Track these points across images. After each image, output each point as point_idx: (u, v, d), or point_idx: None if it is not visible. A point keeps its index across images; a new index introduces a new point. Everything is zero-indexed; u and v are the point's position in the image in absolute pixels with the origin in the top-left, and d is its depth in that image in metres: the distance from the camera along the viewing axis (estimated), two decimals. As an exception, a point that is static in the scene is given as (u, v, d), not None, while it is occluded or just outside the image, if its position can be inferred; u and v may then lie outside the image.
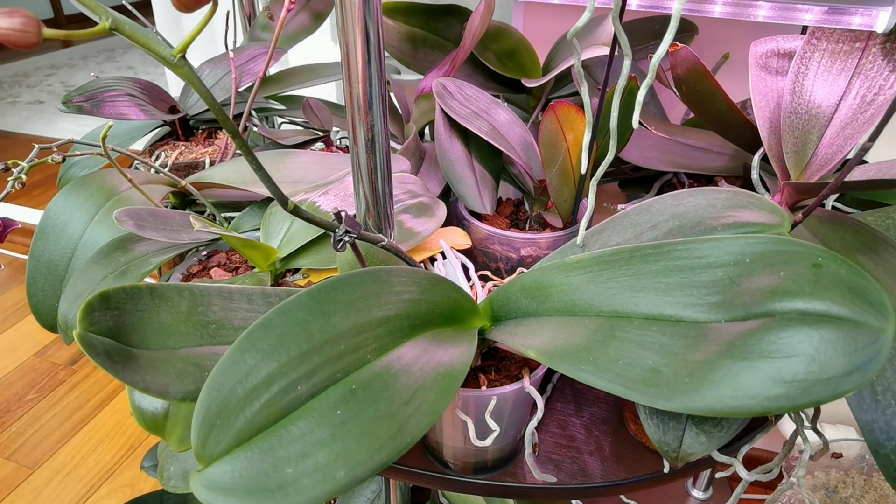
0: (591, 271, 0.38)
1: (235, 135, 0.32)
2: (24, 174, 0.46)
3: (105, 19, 0.27)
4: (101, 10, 0.27)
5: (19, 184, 0.45)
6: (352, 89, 0.42)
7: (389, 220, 0.48)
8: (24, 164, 0.46)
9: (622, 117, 0.54)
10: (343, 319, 0.35)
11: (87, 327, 0.31)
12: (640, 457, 0.56)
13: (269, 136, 0.69)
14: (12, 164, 0.46)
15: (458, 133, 0.61)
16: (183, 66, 0.30)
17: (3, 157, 2.08)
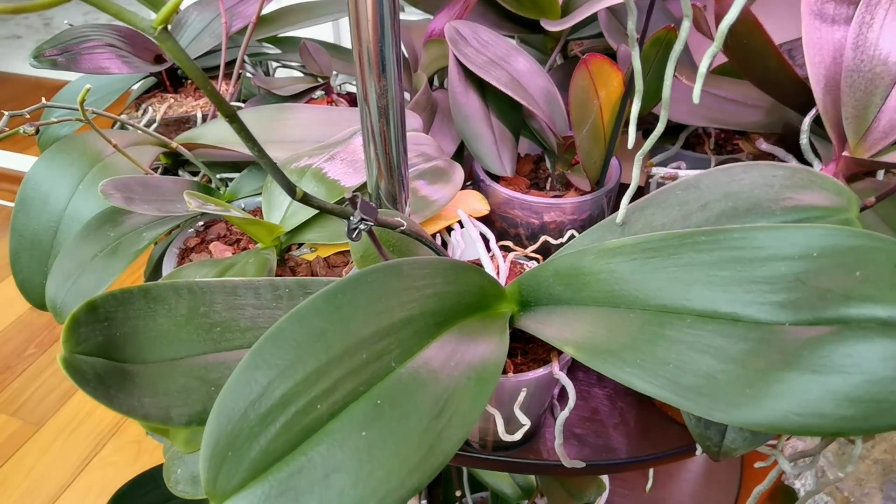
0: (636, 259, 0.34)
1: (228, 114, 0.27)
2: (-6, 149, 0.41)
3: None
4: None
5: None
6: (361, 48, 0.37)
7: (405, 190, 0.44)
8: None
9: (656, 71, 0.49)
10: (363, 324, 0.31)
11: (73, 348, 0.28)
12: (666, 430, 0.54)
13: (264, 86, 0.63)
14: (-19, 136, 0.41)
15: (473, 84, 0.56)
16: (166, 39, 0.25)
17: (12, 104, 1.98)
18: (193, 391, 0.30)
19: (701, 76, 0.29)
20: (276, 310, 0.35)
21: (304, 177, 0.48)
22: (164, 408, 0.29)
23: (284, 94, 0.64)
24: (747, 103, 0.55)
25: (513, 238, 0.56)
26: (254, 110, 0.57)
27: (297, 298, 0.36)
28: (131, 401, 0.28)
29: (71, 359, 0.27)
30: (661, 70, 0.48)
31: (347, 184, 0.48)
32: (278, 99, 0.64)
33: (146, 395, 0.29)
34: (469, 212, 0.53)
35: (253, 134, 0.57)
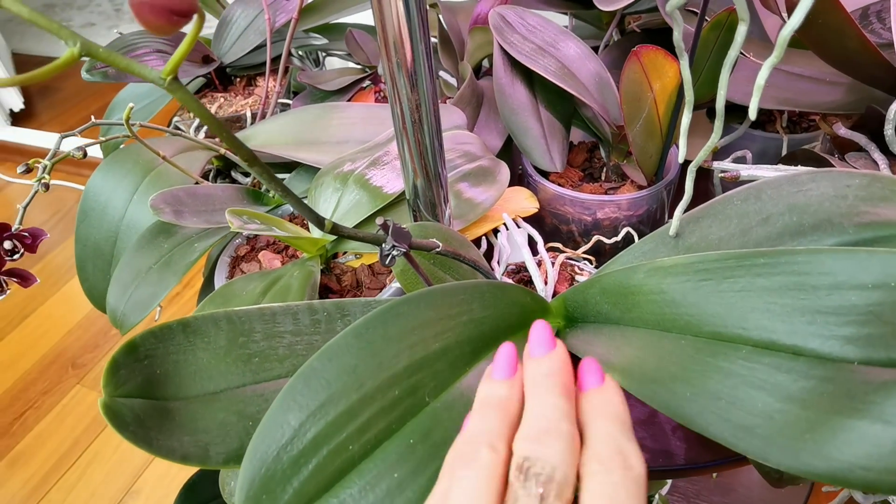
0: (689, 280, 0.32)
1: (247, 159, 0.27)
2: (47, 174, 0.42)
3: (73, 44, 0.21)
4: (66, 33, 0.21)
5: (43, 186, 0.41)
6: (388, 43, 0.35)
7: (444, 195, 0.42)
8: (47, 163, 0.42)
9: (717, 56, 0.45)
10: (396, 358, 0.30)
11: (113, 391, 0.28)
12: (730, 434, 0.51)
13: (310, 82, 0.62)
14: (34, 163, 0.43)
15: (520, 74, 0.53)
16: (176, 89, 0.24)
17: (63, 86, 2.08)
18: (231, 427, 0.30)
19: (759, 88, 0.26)
20: (313, 335, 0.35)
21: (347, 183, 0.48)
22: (202, 446, 0.29)
23: (330, 89, 0.63)
24: (825, 80, 0.50)
25: (565, 235, 0.54)
26: (298, 111, 0.56)
27: (335, 322, 0.36)
28: (171, 442, 0.29)
29: (111, 403, 0.28)
30: (722, 54, 0.44)
31: (391, 190, 0.47)
32: (325, 94, 0.64)
33: (186, 434, 0.29)
34: (517, 211, 0.51)
35: (298, 136, 0.57)
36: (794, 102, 0.50)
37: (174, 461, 0.28)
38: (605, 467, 0.22)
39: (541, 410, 0.24)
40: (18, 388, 1.21)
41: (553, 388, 0.25)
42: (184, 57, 0.23)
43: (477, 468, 0.22)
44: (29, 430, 1.14)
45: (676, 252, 0.37)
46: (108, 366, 0.29)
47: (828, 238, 0.31)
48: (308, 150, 0.53)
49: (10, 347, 1.27)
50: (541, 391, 0.25)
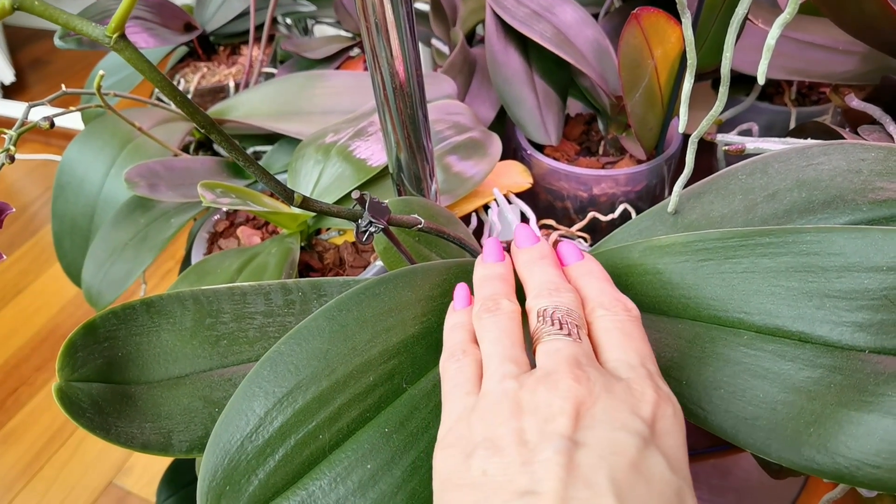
0: (688, 260, 0.29)
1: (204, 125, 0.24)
2: (13, 145, 0.40)
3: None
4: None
5: (8, 158, 0.39)
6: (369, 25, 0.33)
7: (430, 169, 0.40)
8: (13, 133, 0.40)
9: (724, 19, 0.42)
10: (371, 342, 0.28)
11: (69, 375, 0.26)
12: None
13: (295, 50, 0.60)
14: None
15: (514, 41, 0.50)
16: (123, 48, 0.22)
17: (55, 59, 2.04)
18: (196, 413, 0.29)
19: (769, 49, 0.24)
20: (287, 316, 0.33)
21: (330, 155, 0.45)
22: (165, 433, 0.28)
23: (317, 58, 0.60)
24: (837, 49, 0.47)
25: (559, 212, 0.51)
26: (282, 80, 0.54)
27: (311, 303, 0.34)
28: (131, 428, 0.27)
29: (66, 387, 0.26)
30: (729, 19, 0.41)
31: (376, 163, 0.44)
32: (311, 62, 0.61)
33: (147, 420, 0.28)
34: (510, 186, 0.48)
35: (281, 106, 0.54)
36: (805, 73, 0.47)
37: (133, 449, 0.27)
38: (610, 311, 0.25)
39: (543, 278, 0.27)
40: (11, 365, 1.19)
41: (548, 266, 0.28)
42: (129, 10, 0.20)
43: (501, 314, 0.26)
44: (22, 406, 1.13)
45: (675, 230, 0.34)
46: (64, 347, 0.27)
47: (840, 216, 0.28)
48: (291, 120, 0.51)
49: (3, 324, 1.26)
50: (538, 268, 0.27)
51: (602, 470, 0.19)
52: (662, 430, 0.21)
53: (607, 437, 0.20)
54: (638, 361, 0.24)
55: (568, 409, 0.21)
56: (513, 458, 0.20)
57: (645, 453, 0.20)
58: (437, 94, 0.49)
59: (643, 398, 0.22)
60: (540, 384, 0.22)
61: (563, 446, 0.20)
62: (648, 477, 0.19)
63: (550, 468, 0.19)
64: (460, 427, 0.23)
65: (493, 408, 0.22)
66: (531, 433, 0.21)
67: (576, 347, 0.23)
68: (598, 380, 0.22)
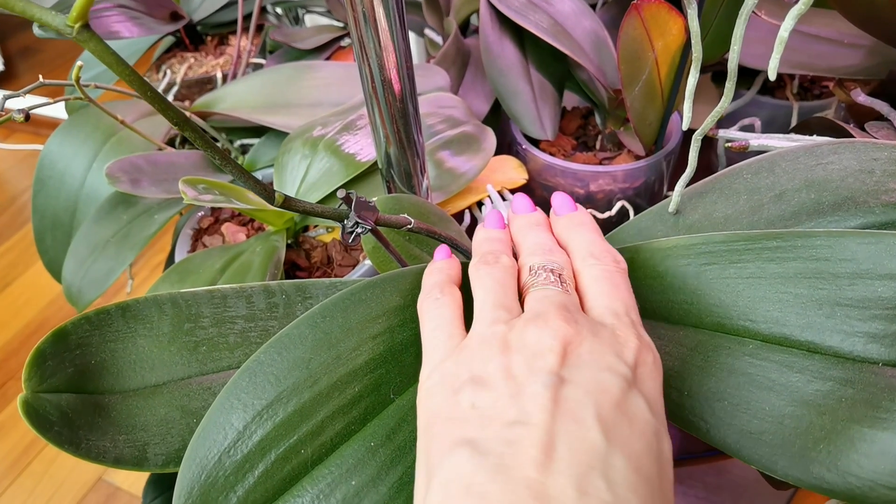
0: (690, 264, 0.28)
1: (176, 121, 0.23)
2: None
3: None
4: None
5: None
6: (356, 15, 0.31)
7: (421, 165, 0.38)
8: (-17, 124, 0.38)
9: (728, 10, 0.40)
10: (356, 351, 0.27)
11: (37, 386, 0.25)
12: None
13: (284, 41, 0.58)
14: (-31, 124, 0.39)
15: (509, 31, 0.49)
16: (87, 40, 0.20)
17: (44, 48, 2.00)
18: (174, 424, 0.27)
19: (781, 42, 0.22)
20: (269, 321, 0.31)
21: (317, 150, 0.44)
22: (140, 446, 0.26)
23: (306, 48, 0.58)
24: (843, 42, 0.46)
25: (556, 209, 0.50)
26: (270, 71, 0.52)
27: (295, 306, 0.32)
28: (103, 442, 0.25)
29: (33, 399, 0.25)
30: (734, 10, 0.40)
31: (365, 158, 0.43)
32: (301, 53, 0.59)
33: (121, 432, 0.26)
34: (504, 182, 0.47)
35: (268, 98, 0.52)
36: (809, 66, 0.45)
37: (105, 464, 0.25)
38: (600, 261, 0.26)
39: (535, 240, 0.27)
40: (0, 358, 1.18)
41: (541, 231, 0.28)
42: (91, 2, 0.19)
43: (499, 266, 0.26)
44: (10, 400, 1.12)
45: (676, 231, 0.33)
46: (31, 356, 0.25)
47: (851, 219, 0.27)
48: (278, 113, 0.49)
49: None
50: (532, 232, 0.28)
51: (588, 406, 0.20)
52: (643, 375, 0.22)
53: (593, 377, 0.21)
54: (623, 310, 0.24)
55: (556, 346, 0.21)
56: (501, 391, 0.21)
57: (628, 394, 0.21)
58: (429, 87, 0.47)
59: (627, 344, 0.22)
60: (529, 324, 0.22)
61: (550, 381, 0.20)
62: (631, 417, 0.20)
63: (539, 401, 0.20)
64: (446, 366, 0.23)
65: (481, 346, 0.23)
66: (519, 368, 0.21)
67: (564, 296, 0.24)
68: (585, 324, 0.23)
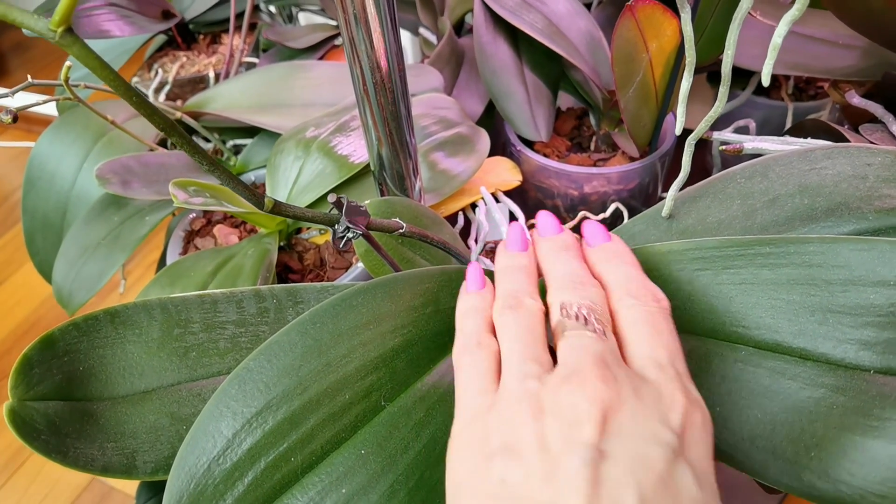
0: (683, 269, 0.28)
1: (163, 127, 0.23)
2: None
3: None
4: None
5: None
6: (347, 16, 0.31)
7: (413, 167, 0.38)
8: (-29, 126, 0.38)
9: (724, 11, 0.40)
10: (346, 357, 0.27)
11: (24, 394, 0.25)
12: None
13: (277, 39, 0.57)
14: (-44, 126, 0.38)
15: (503, 31, 0.48)
16: (70, 44, 0.20)
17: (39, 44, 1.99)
18: (163, 431, 0.27)
19: (775, 48, 0.22)
20: (260, 326, 0.31)
21: (310, 151, 0.43)
22: (128, 454, 0.26)
23: (300, 47, 0.58)
24: (838, 43, 0.46)
25: (549, 210, 0.49)
26: (262, 70, 0.52)
27: (286, 311, 0.32)
28: (91, 450, 0.25)
29: (20, 408, 0.24)
30: (728, 12, 0.40)
31: (358, 159, 0.42)
32: (294, 52, 0.59)
33: (109, 440, 0.26)
34: (498, 184, 0.47)
35: (261, 98, 0.52)
36: (804, 67, 0.45)
37: (93, 473, 0.25)
38: (639, 301, 0.24)
39: (566, 269, 0.25)
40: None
41: (572, 258, 0.26)
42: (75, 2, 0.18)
43: (525, 311, 0.24)
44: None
45: (669, 235, 0.33)
46: (17, 364, 0.25)
47: (844, 225, 0.27)
48: (271, 113, 0.49)
49: (-16, 316, 1.24)
50: (561, 259, 0.26)
51: (630, 486, 0.18)
52: (691, 441, 0.20)
53: (636, 449, 0.19)
54: (667, 360, 0.22)
55: (595, 414, 0.19)
56: (534, 466, 0.19)
57: (674, 466, 0.19)
58: (423, 87, 0.47)
59: (673, 405, 0.20)
60: (564, 384, 0.20)
61: (589, 457, 0.19)
62: (676, 493, 0.19)
63: (575, 482, 0.18)
64: (476, 426, 0.22)
65: (512, 408, 0.21)
66: (554, 438, 0.19)
67: (601, 344, 0.22)
68: (626, 382, 0.20)
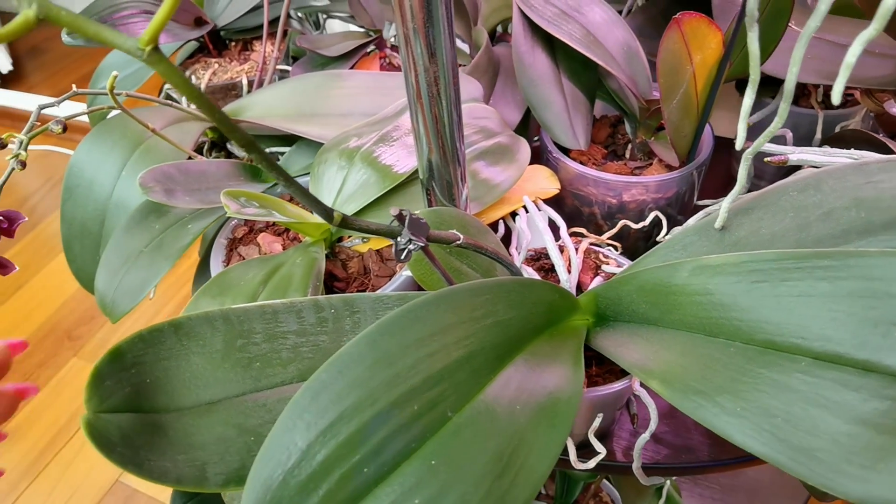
0: (740, 281, 0.28)
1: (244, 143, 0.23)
2: (24, 150, 0.38)
3: (27, 5, 0.18)
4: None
5: (19, 164, 0.37)
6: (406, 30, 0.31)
7: (462, 175, 0.39)
8: (23, 137, 0.38)
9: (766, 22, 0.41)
10: (414, 369, 0.27)
11: (98, 406, 0.25)
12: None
13: (310, 47, 0.58)
14: (7, 137, 0.39)
15: (541, 41, 0.49)
16: (157, 62, 0.20)
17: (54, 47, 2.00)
18: (231, 443, 0.27)
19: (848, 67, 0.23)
20: (319, 335, 0.32)
21: (354, 161, 0.44)
22: (199, 466, 0.26)
23: (332, 55, 0.58)
24: (874, 52, 0.46)
25: (586, 218, 0.50)
26: (298, 79, 0.52)
27: (343, 320, 0.32)
28: (163, 462, 0.26)
29: (95, 420, 0.25)
30: (773, 23, 0.40)
31: (402, 169, 0.43)
32: (326, 60, 0.59)
33: (179, 452, 0.26)
34: (537, 192, 0.47)
35: (298, 107, 0.52)
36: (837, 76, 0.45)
37: (167, 484, 0.25)
38: None
39: None
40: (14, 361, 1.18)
41: None
42: (164, 23, 0.19)
43: None
44: (26, 403, 1.12)
45: (721, 247, 0.33)
46: (91, 377, 0.26)
47: (905, 239, 0.27)
48: (309, 122, 0.49)
49: (5, 319, 1.25)
50: None
51: None
52: None
53: None
54: None
55: None
56: None
57: None
58: (463, 97, 0.47)
59: None
60: None
61: None
62: None
63: None
64: None
65: None
66: None
67: None
68: None
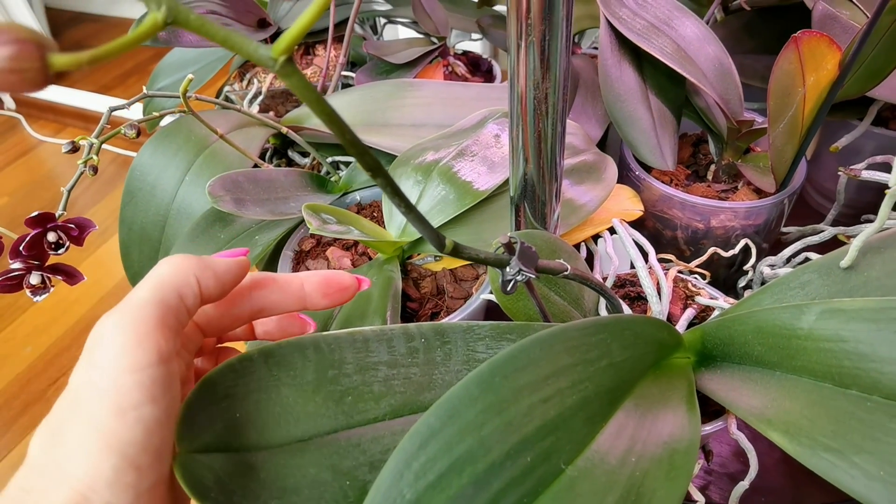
0: (882, 329, 0.26)
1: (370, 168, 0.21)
2: (95, 155, 0.37)
3: (156, 8, 0.16)
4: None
5: (91, 169, 0.36)
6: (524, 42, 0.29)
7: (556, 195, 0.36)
8: (94, 141, 0.37)
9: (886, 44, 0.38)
10: (527, 416, 0.25)
11: (190, 446, 0.23)
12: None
13: (376, 53, 0.56)
14: (80, 139, 0.37)
15: (628, 55, 0.46)
16: (290, 74, 0.18)
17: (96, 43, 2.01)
18: (326, 487, 0.25)
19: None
20: (410, 367, 0.29)
21: (431, 176, 0.42)
22: (293, 511, 0.24)
23: (398, 63, 0.56)
24: None
25: (668, 242, 0.47)
26: (367, 88, 0.50)
27: (434, 351, 0.30)
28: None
29: (189, 462, 0.23)
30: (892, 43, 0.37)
31: (483, 186, 0.41)
32: (390, 67, 0.57)
33: (273, 497, 0.24)
34: (620, 213, 0.45)
35: (367, 116, 0.50)
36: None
37: (263, 534, 0.23)
38: None
39: None
40: (52, 354, 1.18)
41: None
42: (303, 32, 0.17)
43: None
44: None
45: (846, 288, 0.30)
46: (182, 411, 0.24)
47: None
48: (380, 133, 0.47)
49: (44, 312, 1.24)
50: None
51: None
52: None
53: None
54: None
55: None
56: None
57: None
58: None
59: None
60: None
61: None
62: None
63: None
64: None
65: None
66: None
67: None
68: None
